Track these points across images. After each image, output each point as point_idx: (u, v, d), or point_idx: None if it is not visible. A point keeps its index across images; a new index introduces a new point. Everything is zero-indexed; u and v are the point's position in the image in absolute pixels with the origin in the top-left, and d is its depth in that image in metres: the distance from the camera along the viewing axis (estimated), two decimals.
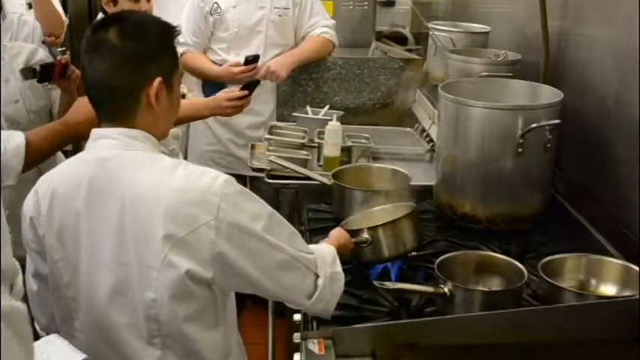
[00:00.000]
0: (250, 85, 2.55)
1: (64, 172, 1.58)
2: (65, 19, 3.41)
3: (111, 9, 2.81)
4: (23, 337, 0.93)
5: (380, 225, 1.89)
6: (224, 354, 1.59)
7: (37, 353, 1.26)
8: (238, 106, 2.55)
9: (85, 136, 2.25)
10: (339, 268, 1.64)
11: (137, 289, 1.47)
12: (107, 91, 1.51)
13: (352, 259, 1.89)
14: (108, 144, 1.52)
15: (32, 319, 1.69)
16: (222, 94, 2.55)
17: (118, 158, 1.50)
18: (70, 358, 1.32)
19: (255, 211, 1.50)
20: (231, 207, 1.45)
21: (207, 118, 3.01)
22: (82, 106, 2.12)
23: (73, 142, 2.22)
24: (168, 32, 1.56)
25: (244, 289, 1.55)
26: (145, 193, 1.45)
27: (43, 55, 2.55)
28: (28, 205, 1.59)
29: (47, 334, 1.59)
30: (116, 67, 1.48)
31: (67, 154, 2.91)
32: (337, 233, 1.87)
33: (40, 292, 1.65)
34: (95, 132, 1.55)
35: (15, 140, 2.02)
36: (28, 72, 2.29)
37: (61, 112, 2.48)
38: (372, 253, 1.89)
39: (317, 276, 1.58)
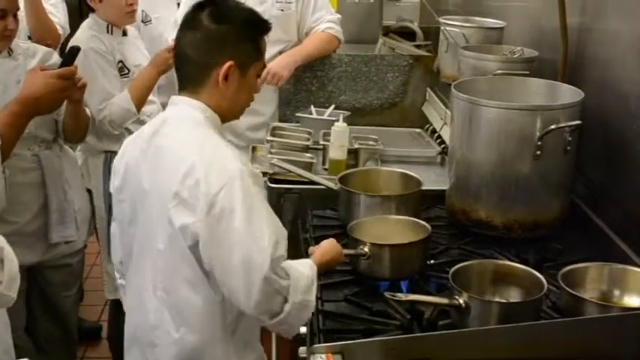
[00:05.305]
0: None
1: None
2: (61, 28, 3.31)
3: (96, 4, 2.88)
4: None
5: (386, 245, 1.91)
6: None
7: None
8: None
9: (44, 111, 2.28)
10: (311, 296, 1.70)
11: None
12: (185, 62, 1.79)
13: (349, 265, 1.92)
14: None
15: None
16: None
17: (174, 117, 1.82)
18: None
19: None
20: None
21: None
22: (38, 79, 2.12)
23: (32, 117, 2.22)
24: (255, 23, 1.81)
25: None
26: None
27: (57, 58, 2.57)
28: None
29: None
30: (198, 43, 1.75)
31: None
32: (327, 246, 1.89)
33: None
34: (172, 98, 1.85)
35: None
36: None
37: (65, 121, 2.52)
38: (369, 269, 1.92)
39: (286, 300, 1.65)
